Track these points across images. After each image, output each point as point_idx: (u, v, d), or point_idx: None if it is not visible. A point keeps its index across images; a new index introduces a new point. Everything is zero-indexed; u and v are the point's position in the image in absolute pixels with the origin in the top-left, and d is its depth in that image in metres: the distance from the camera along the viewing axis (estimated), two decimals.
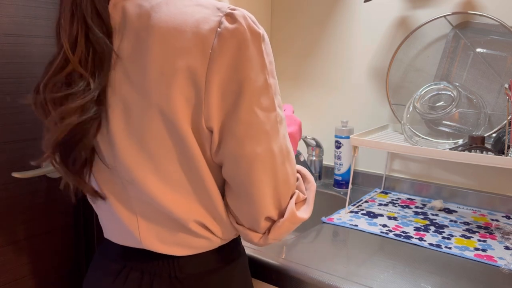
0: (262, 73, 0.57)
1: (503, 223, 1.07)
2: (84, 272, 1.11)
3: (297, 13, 1.49)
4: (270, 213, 0.63)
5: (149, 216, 0.64)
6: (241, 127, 0.57)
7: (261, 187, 0.60)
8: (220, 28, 0.55)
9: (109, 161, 0.62)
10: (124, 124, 0.59)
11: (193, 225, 0.63)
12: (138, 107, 0.58)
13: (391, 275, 0.80)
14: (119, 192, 0.64)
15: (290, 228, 0.64)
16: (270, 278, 0.85)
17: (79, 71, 0.57)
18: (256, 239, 0.66)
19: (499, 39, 1.11)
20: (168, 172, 0.60)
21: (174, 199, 0.61)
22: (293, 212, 0.63)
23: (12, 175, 0.90)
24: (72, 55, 0.57)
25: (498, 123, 1.09)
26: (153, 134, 0.58)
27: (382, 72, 1.32)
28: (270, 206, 0.62)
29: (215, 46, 0.54)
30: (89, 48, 0.58)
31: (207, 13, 0.56)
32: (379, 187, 1.34)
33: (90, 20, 0.57)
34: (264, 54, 0.58)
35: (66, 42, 0.57)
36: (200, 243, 0.65)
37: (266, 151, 0.59)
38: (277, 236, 0.64)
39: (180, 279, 0.65)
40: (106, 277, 0.68)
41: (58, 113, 0.58)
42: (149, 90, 0.57)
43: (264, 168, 0.60)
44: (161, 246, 0.64)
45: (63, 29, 0.57)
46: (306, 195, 0.67)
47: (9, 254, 0.95)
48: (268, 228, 0.65)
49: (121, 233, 0.67)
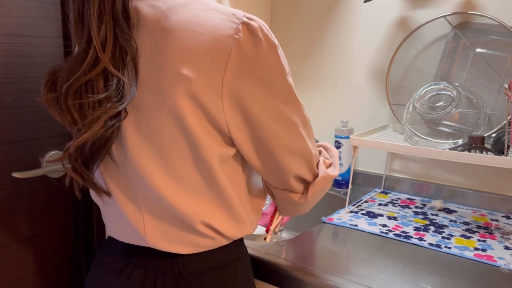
0: (281, 76, 0.60)
1: (503, 223, 1.07)
2: (84, 272, 1.11)
3: (297, 13, 1.49)
4: (303, 173, 0.70)
5: (156, 214, 0.64)
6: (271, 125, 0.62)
7: (291, 161, 0.67)
8: (238, 36, 0.56)
9: (119, 158, 0.63)
10: (135, 123, 0.60)
11: (200, 226, 0.64)
12: (150, 107, 0.59)
13: (391, 275, 0.80)
14: (126, 189, 0.65)
15: (324, 185, 0.72)
16: (270, 278, 0.85)
17: (112, 71, 0.56)
18: (296, 198, 0.72)
19: (499, 39, 1.11)
20: (179, 172, 0.61)
21: (183, 200, 0.62)
22: (325, 170, 0.72)
23: (12, 175, 0.90)
24: (103, 53, 0.55)
25: (498, 123, 1.09)
26: (165, 134, 0.59)
27: (382, 72, 1.32)
28: (301, 167, 0.69)
29: (233, 52, 0.56)
30: (116, 46, 0.56)
31: (224, 18, 0.57)
32: (379, 187, 1.34)
33: (121, 17, 0.56)
34: (282, 60, 0.61)
35: (97, 40, 0.55)
36: (205, 242, 0.66)
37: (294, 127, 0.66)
38: (315, 193, 0.72)
39: (184, 276, 0.66)
40: (110, 275, 0.68)
41: (92, 115, 0.56)
42: (164, 89, 0.57)
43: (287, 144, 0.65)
44: (166, 244, 0.65)
45: (92, 27, 0.55)
46: (332, 160, 0.77)
47: (9, 254, 0.95)
48: (305, 188, 0.72)
49: (126, 230, 0.67)
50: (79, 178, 0.62)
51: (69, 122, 0.58)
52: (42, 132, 0.97)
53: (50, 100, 0.59)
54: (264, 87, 0.59)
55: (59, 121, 0.60)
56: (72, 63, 0.57)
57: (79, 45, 0.57)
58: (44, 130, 0.97)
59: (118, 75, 0.56)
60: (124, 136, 0.61)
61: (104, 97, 0.56)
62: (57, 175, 1.00)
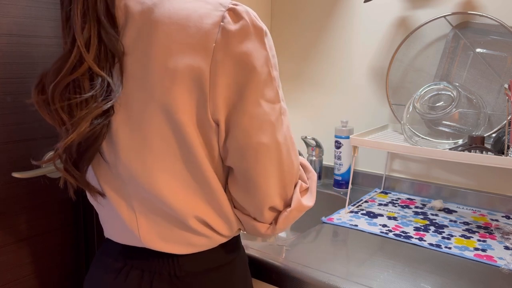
0: (266, 66, 0.58)
1: (503, 223, 1.07)
2: (84, 272, 1.11)
3: (297, 13, 1.49)
4: (275, 202, 0.64)
5: (149, 213, 0.64)
6: (247, 118, 0.58)
7: (266, 177, 0.61)
8: (223, 22, 0.55)
9: (110, 158, 0.63)
10: (124, 119, 0.59)
11: (193, 222, 0.63)
12: (139, 102, 0.58)
13: (391, 275, 0.80)
14: (119, 190, 0.64)
15: (296, 216, 0.66)
16: (270, 278, 0.85)
17: (96, 71, 0.56)
18: (263, 229, 0.66)
19: (499, 39, 1.11)
20: (168, 165, 0.61)
21: (173, 192, 0.61)
22: (299, 200, 0.65)
23: (12, 175, 0.90)
24: (87, 53, 0.56)
25: (498, 123, 1.09)
26: (153, 128, 0.59)
27: (382, 72, 1.32)
28: (275, 196, 0.63)
29: (219, 40, 0.55)
30: (101, 46, 0.57)
31: (210, 8, 0.57)
32: (379, 187, 1.34)
33: (103, 17, 0.57)
34: (268, 48, 0.59)
35: (81, 41, 0.55)
36: (200, 241, 0.65)
37: (272, 141, 0.60)
38: (285, 225, 0.66)
39: (180, 277, 0.65)
40: (107, 275, 0.68)
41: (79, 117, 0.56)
42: (152, 85, 0.57)
43: (270, 158, 0.61)
44: (161, 243, 0.64)
45: (76, 27, 0.56)
46: (308, 184, 0.69)
47: (9, 254, 0.95)
48: (274, 218, 0.66)
49: (121, 231, 0.67)
50: (72, 179, 0.62)
51: (58, 123, 0.59)
52: (42, 132, 0.97)
53: (40, 102, 0.60)
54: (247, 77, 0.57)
55: (50, 122, 0.60)
56: (58, 64, 0.58)
57: (65, 45, 0.58)
58: (44, 130, 0.97)
59: (103, 74, 0.56)
60: (115, 135, 0.60)
61: (89, 97, 0.56)
62: (57, 175, 1.00)
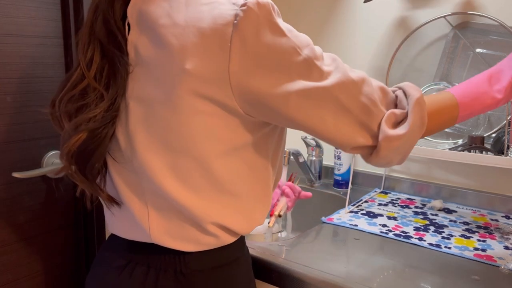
0: (295, 52, 0.59)
1: (503, 223, 1.07)
2: (84, 272, 1.11)
3: (297, 13, 1.49)
4: (356, 143, 0.64)
5: (161, 210, 0.65)
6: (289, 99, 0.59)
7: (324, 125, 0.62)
8: (236, 20, 0.56)
9: (126, 154, 0.64)
10: (143, 119, 0.62)
11: (210, 227, 0.64)
12: (159, 102, 0.60)
13: (391, 275, 0.80)
14: (133, 185, 0.65)
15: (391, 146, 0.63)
16: (270, 278, 0.85)
17: (94, 85, 0.62)
18: (366, 159, 0.67)
19: (499, 39, 1.11)
20: (185, 170, 0.62)
21: (191, 199, 0.63)
22: (385, 130, 0.63)
23: (12, 175, 0.90)
24: (88, 72, 0.62)
25: (497, 123, 1.09)
26: (171, 130, 0.60)
27: (382, 72, 1.32)
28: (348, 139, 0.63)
29: (234, 39, 0.56)
30: (105, 63, 0.62)
31: (223, 8, 0.58)
32: (379, 187, 1.35)
33: (105, 41, 0.62)
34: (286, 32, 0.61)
35: (83, 61, 0.62)
36: (208, 240, 0.66)
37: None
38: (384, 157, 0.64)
39: (186, 274, 0.66)
40: (112, 272, 0.69)
41: (72, 124, 0.62)
42: (170, 87, 0.59)
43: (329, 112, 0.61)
44: (169, 240, 0.65)
45: (81, 50, 0.63)
46: (407, 109, 0.65)
47: (9, 254, 0.95)
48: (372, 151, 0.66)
49: (130, 226, 0.68)
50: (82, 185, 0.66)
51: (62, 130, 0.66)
52: (42, 132, 0.97)
53: (51, 114, 0.67)
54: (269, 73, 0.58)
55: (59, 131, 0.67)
56: (64, 81, 0.66)
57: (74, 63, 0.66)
58: (44, 130, 0.97)
59: (99, 87, 0.62)
60: (133, 133, 0.62)
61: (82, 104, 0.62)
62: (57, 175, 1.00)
